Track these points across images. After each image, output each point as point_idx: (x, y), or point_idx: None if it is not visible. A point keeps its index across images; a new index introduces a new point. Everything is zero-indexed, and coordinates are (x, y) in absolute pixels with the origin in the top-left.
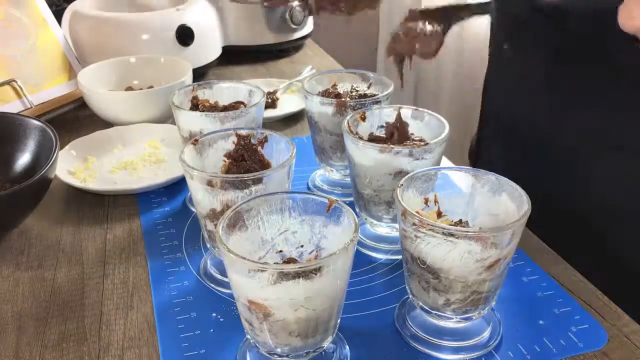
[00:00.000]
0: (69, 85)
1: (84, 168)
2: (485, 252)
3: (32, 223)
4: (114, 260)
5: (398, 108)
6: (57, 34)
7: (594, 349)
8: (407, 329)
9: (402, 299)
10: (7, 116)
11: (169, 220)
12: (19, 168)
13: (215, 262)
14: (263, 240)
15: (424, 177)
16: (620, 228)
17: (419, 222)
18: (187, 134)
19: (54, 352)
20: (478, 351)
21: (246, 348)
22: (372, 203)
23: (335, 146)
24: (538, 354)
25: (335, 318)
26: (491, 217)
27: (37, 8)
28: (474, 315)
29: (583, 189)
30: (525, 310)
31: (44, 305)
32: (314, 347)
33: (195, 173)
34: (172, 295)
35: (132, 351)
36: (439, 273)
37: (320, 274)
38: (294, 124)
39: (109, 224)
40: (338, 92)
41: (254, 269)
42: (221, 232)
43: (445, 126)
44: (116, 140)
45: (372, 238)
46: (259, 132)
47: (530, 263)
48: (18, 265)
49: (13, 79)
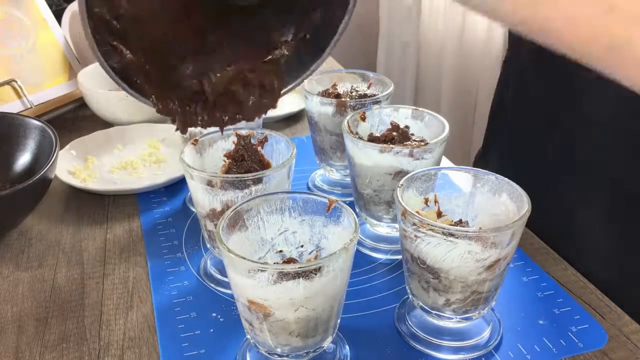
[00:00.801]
0: (69, 85)
1: (84, 168)
2: (485, 252)
3: (32, 223)
4: (114, 260)
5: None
6: (57, 34)
7: (594, 349)
8: (407, 329)
9: (402, 299)
10: (7, 116)
11: (169, 220)
12: (19, 168)
13: (215, 262)
14: (263, 240)
15: (424, 177)
16: (620, 228)
17: (419, 222)
18: (187, 134)
19: (54, 352)
20: (478, 351)
21: (246, 348)
22: (372, 203)
23: (335, 146)
24: (538, 354)
25: (335, 318)
26: (491, 217)
27: (37, 8)
28: (474, 315)
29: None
30: (525, 310)
31: (44, 305)
32: (314, 347)
33: (195, 173)
34: (172, 295)
35: (132, 351)
36: (439, 273)
37: (320, 274)
38: (294, 124)
39: (109, 224)
40: (338, 92)
41: (254, 269)
42: (221, 232)
43: (445, 126)
44: (116, 140)
45: (372, 238)
46: (259, 132)
47: (530, 263)
48: (18, 265)
49: (13, 79)
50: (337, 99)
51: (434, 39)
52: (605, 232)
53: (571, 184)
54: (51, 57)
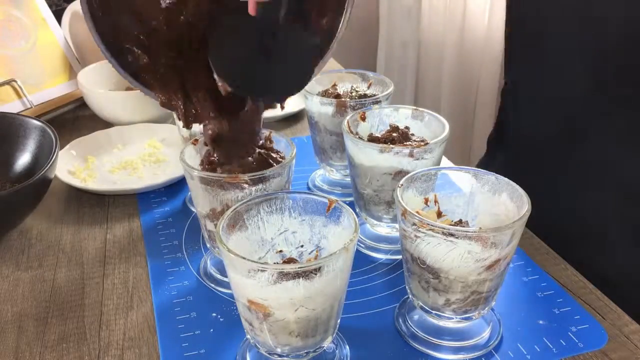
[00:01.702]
0: (69, 85)
1: (84, 168)
2: (485, 252)
3: (32, 223)
4: (114, 260)
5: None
6: (57, 34)
7: (594, 349)
8: (407, 329)
9: (402, 299)
10: (7, 116)
11: (169, 220)
12: (19, 168)
13: (215, 262)
14: (263, 240)
15: (424, 177)
16: (620, 228)
17: (419, 222)
18: (187, 134)
19: (54, 352)
20: (478, 351)
21: (246, 348)
22: (372, 203)
23: (335, 146)
24: (538, 354)
25: (335, 318)
26: (491, 217)
27: (37, 8)
28: (474, 315)
29: (583, 190)
30: (525, 310)
31: (44, 305)
32: (314, 347)
33: (195, 173)
34: (172, 295)
35: (132, 351)
36: (439, 273)
37: (320, 274)
38: (294, 124)
39: (109, 224)
40: (338, 92)
41: (254, 269)
42: (221, 232)
43: (445, 126)
44: (116, 140)
45: (372, 238)
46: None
47: (530, 263)
48: (18, 265)
49: (13, 79)
50: (337, 99)
51: (434, 39)
52: (605, 232)
53: (571, 183)
54: (51, 57)
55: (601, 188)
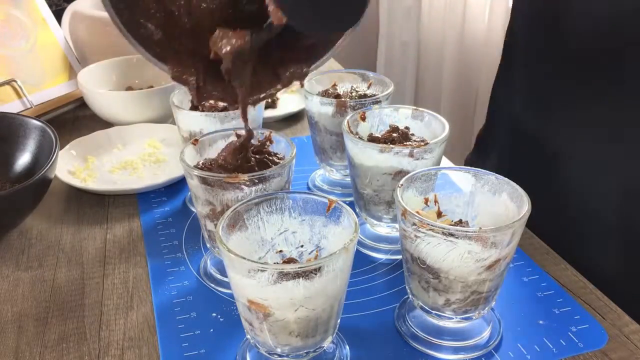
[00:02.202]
0: (69, 85)
1: (84, 168)
2: (485, 252)
3: (32, 223)
4: (114, 260)
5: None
6: (57, 33)
7: (594, 349)
8: (407, 329)
9: (402, 299)
10: (7, 116)
11: (169, 220)
12: (19, 168)
13: (215, 262)
14: (263, 240)
15: (424, 177)
16: (619, 227)
17: (419, 222)
18: (187, 134)
19: (54, 352)
20: (478, 351)
21: (246, 348)
22: (372, 203)
23: (335, 146)
24: (538, 354)
25: (335, 318)
26: (491, 217)
27: (37, 8)
28: (474, 315)
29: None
30: (525, 310)
31: (44, 305)
32: (314, 347)
33: (195, 173)
34: (172, 295)
35: (132, 351)
36: (439, 273)
37: (320, 274)
38: (294, 124)
39: (109, 224)
40: (338, 92)
41: (254, 269)
42: (221, 232)
43: (445, 126)
44: (116, 140)
45: (372, 238)
46: (259, 132)
47: (530, 263)
48: (18, 265)
49: (13, 79)
50: (337, 99)
51: (434, 39)
52: (605, 232)
53: (571, 182)
54: (51, 57)
55: (601, 188)
